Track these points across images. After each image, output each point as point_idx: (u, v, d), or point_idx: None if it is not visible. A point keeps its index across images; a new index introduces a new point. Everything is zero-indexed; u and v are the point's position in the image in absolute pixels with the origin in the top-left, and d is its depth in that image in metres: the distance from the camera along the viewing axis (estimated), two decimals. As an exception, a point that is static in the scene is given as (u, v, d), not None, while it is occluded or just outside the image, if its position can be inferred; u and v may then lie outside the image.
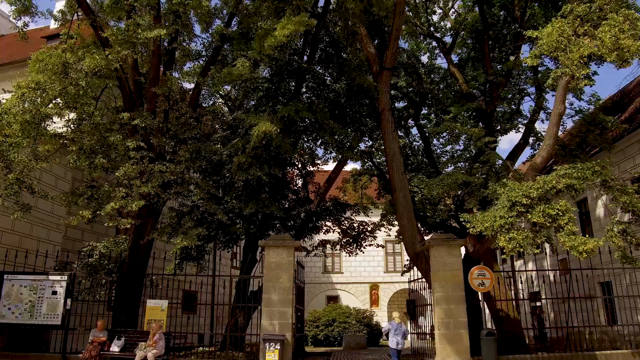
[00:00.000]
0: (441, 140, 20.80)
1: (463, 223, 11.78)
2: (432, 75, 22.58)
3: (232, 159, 14.16)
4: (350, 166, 25.78)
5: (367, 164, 22.52)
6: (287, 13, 12.63)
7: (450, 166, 17.21)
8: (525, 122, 18.34)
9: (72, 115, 14.29)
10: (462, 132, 13.63)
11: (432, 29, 22.24)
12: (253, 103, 15.83)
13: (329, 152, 17.13)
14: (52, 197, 13.14)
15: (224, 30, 16.53)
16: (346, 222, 19.35)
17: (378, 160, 21.93)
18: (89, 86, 13.31)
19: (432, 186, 13.01)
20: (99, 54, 12.34)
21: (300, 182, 20.28)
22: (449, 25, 22.62)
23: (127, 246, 14.26)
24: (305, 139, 16.32)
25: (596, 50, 9.30)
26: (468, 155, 13.68)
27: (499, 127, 17.89)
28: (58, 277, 13.35)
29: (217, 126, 17.35)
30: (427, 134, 21.32)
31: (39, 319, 13.10)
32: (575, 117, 15.90)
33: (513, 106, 19.15)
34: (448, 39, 23.94)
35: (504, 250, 10.46)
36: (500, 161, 14.17)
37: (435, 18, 22.81)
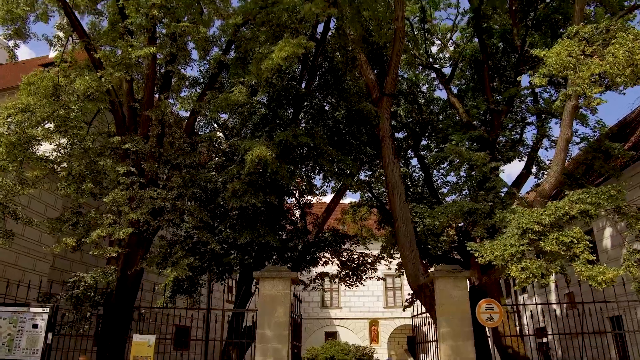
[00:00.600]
0: (442, 170, 20.21)
1: (471, 252, 10.97)
2: (432, 107, 22.20)
3: (226, 187, 13.46)
4: (349, 199, 25.14)
5: (366, 195, 21.88)
6: (286, 35, 12.21)
7: (455, 194, 16.49)
8: (528, 151, 17.79)
9: (63, 140, 13.67)
10: (466, 156, 12.98)
11: (430, 60, 22.01)
12: (250, 131, 15.23)
13: (327, 180, 16.45)
14: (37, 224, 12.33)
15: (222, 57, 16.20)
16: (345, 253, 18.47)
17: (377, 192, 21.34)
18: (80, 109, 12.76)
19: (437, 214, 12.28)
20: (91, 75, 11.80)
21: (297, 213, 19.48)
22: (447, 55, 22.44)
23: (116, 277, 13.37)
24: (303, 167, 15.62)
25: (608, 68, 8.76)
26: (471, 183, 13.02)
27: (500, 157, 17.30)
28: (40, 309, 12.34)
29: (213, 154, 16.70)
30: (427, 165, 20.79)
31: (17, 354, 12.02)
32: (581, 144, 15.33)
33: (515, 135, 18.64)
34: (447, 70, 23.78)
35: (516, 281, 9.63)
36: (506, 188, 13.49)
37: (434, 49, 22.64)
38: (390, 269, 20.54)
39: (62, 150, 13.16)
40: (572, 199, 9.91)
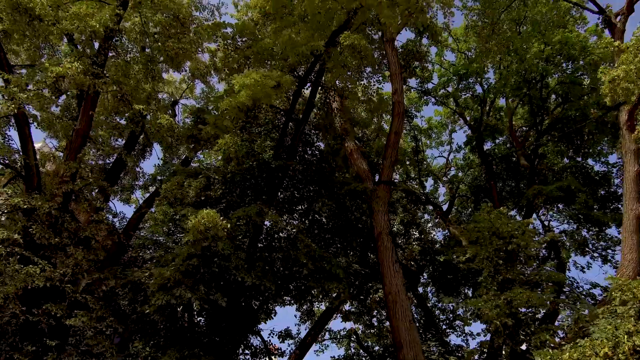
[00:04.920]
0: (446, 307, 15.25)
1: None
2: (427, 247, 18.26)
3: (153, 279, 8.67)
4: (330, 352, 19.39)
5: (351, 348, 16.75)
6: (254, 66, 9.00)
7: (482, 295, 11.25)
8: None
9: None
10: (504, 229, 8.52)
11: (424, 195, 18.86)
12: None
13: (301, 291, 11.38)
14: None
15: (188, 154, 13.19)
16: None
17: (368, 343, 16.21)
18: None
19: (475, 305, 7.47)
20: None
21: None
22: (443, 192, 19.44)
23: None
24: (273, 268, 10.63)
25: None
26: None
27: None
28: None
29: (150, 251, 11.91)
30: (429, 308, 16.04)
31: None
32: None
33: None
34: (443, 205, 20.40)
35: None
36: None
37: (428, 183, 19.65)
38: None
39: None
40: None
